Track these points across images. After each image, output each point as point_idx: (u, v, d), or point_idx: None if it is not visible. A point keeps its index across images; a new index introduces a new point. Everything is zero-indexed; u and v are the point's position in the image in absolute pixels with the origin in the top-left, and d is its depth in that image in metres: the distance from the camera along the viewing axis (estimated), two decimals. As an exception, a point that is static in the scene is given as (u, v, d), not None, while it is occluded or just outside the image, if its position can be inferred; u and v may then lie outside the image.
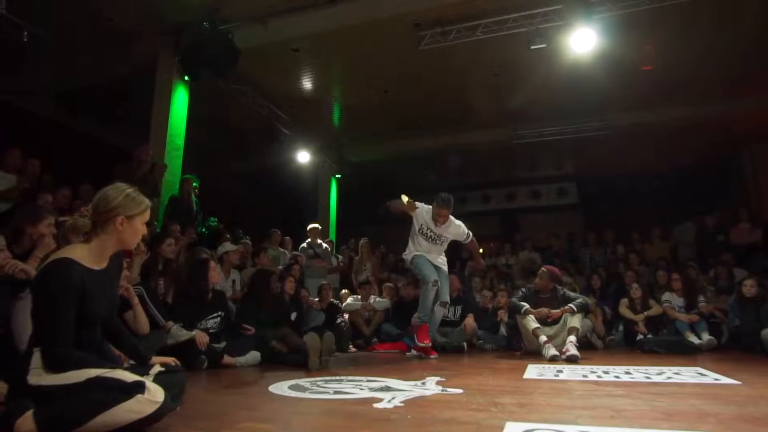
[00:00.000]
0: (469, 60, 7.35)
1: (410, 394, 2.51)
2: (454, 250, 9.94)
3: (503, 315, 5.61)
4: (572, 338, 4.45)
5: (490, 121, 9.54)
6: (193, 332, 3.58)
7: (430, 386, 2.76)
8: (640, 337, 5.45)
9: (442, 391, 2.62)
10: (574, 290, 5.77)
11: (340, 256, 8.28)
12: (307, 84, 8.50)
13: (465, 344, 5.28)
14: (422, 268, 4.61)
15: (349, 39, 6.97)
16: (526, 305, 4.81)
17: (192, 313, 3.81)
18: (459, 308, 5.49)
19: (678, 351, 4.92)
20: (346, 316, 6.10)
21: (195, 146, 7.53)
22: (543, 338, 4.55)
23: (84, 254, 1.87)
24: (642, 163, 10.91)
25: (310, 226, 7.55)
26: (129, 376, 1.75)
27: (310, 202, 10.83)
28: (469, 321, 5.32)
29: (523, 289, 5.22)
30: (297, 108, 8.94)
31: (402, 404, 2.26)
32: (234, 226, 7.79)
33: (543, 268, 5.17)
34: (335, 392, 2.62)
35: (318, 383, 2.90)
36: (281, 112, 8.91)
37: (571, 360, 4.12)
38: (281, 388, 2.72)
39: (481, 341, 5.57)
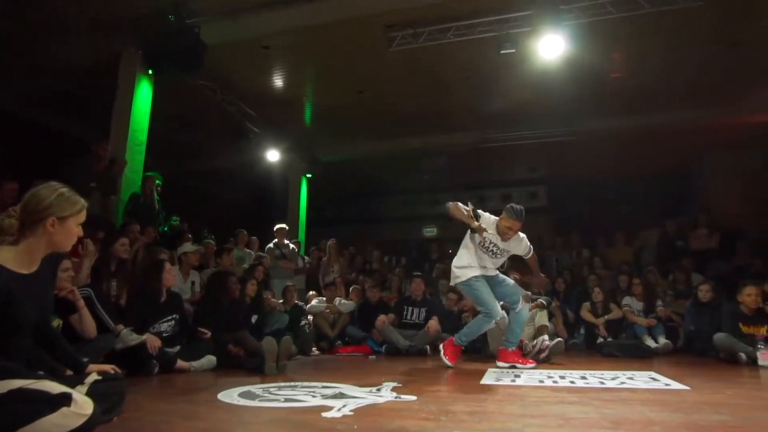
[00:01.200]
0: (440, 62, 7.36)
1: (362, 401, 2.46)
2: (424, 252, 10.04)
3: (468, 318, 5.61)
4: (545, 337, 4.59)
5: (462, 124, 9.57)
6: (144, 336, 3.46)
7: (385, 393, 2.72)
8: (600, 340, 5.54)
9: (396, 398, 2.58)
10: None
11: (307, 257, 8.18)
12: (278, 82, 8.37)
13: (428, 347, 5.26)
14: (486, 298, 3.99)
15: (322, 38, 6.88)
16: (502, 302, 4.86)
17: (144, 316, 3.68)
18: (423, 311, 5.48)
19: (635, 354, 5.00)
20: (311, 318, 6.02)
21: (160, 142, 7.33)
22: None
23: (10, 257, 1.77)
24: (609, 169, 11.14)
25: (277, 226, 7.43)
26: (55, 387, 1.65)
27: (279, 201, 10.69)
28: (433, 324, 5.31)
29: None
30: (267, 106, 8.79)
31: (352, 413, 2.21)
32: (200, 225, 7.62)
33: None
34: (286, 400, 2.55)
35: (271, 390, 2.83)
36: (250, 109, 8.75)
37: (546, 360, 4.26)
38: (231, 395, 2.63)
39: (445, 344, 5.55)
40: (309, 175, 10.72)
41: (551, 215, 12.48)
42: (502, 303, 4.13)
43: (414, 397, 2.58)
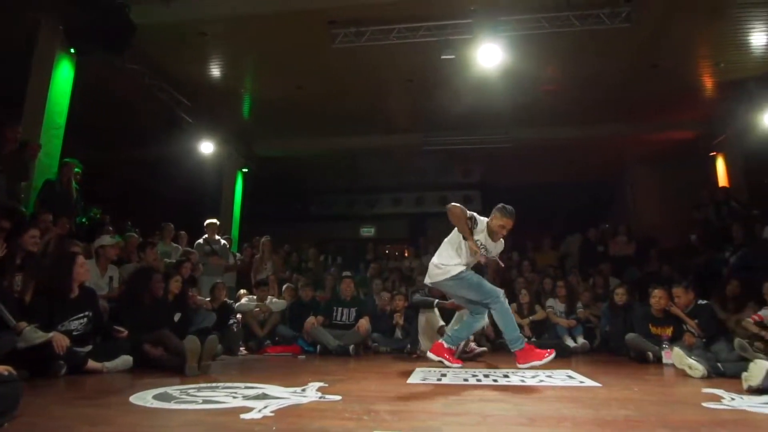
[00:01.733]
0: (383, 63, 7.39)
1: (285, 402, 2.40)
2: (360, 251, 10.04)
3: (399, 318, 5.67)
4: (471, 336, 4.67)
5: (403, 126, 9.67)
6: (51, 334, 3.18)
7: (310, 393, 2.67)
8: (525, 340, 5.75)
9: (320, 398, 2.54)
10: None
11: (239, 254, 7.93)
12: (215, 71, 8.06)
13: (359, 347, 5.25)
14: (488, 285, 3.92)
15: (263, 29, 6.70)
16: (437, 300, 4.94)
17: (52, 313, 3.40)
18: (353, 310, 5.45)
19: (556, 354, 5.23)
20: (240, 316, 5.83)
21: (83, 127, 6.83)
22: None
23: None
24: (540, 176, 11.67)
25: (208, 221, 7.13)
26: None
27: (212, 195, 10.29)
28: (363, 323, 5.30)
29: (423, 291, 5.34)
30: (202, 96, 8.44)
31: (272, 414, 2.14)
32: (125, 218, 7.18)
33: None
34: (204, 401, 2.44)
35: (189, 391, 2.70)
36: (184, 98, 8.36)
37: (478, 356, 4.44)
38: (145, 397, 2.48)
39: (375, 344, 5.58)
40: (245, 170, 10.40)
41: (485, 219, 12.88)
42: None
43: (339, 397, 2.55)
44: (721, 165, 9.50)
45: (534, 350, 3.83)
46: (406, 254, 9.17)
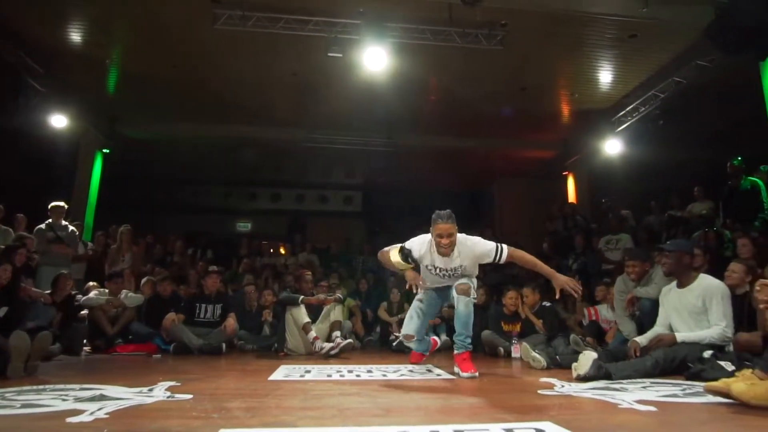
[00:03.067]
0: (268, 53, 7.15)
1: (126, 403, 2.18)
2: (233, 246, 9.57)
3: (267, 315, 5.50)
4: (337, 333, 4.76)
5: (286, 120, 9.45)
6: None
7: (158, 393, 2.46)
8: (392, 337, 5.94)
9: (168, 397, 2.35)
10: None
11: (91, 243, 7.10)
12: (76, 37, 7.12)
13: (224, 345, 4.99)
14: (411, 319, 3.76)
15: (135, -5, 6.09)
16: (302, 296, 4.88)
17: None
18: (218, 308, 5.16)
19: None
20: (86, 312, 5.20)
21: None
22: (313, 334, 4.69)
23: None
24: (420, 181, 12.20)
25: (53, 204, 6.26)
26: None
27: (65, 176, 9.08)
28: (230, 321, 5.04)
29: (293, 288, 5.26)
30: (58, 62, 7.39)
31: (107, 416, 1.92)
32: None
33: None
34: (24, 405, 2.12)
35: (6, 395, 2.34)
36: (35, 63, 7.28)
37: (344, 350, 4.48)
38: (-57, 403, 2.08)
39: (242, 342, 5.36)
40: (106, 150, 9.35)
41: (364, 220, 13.15)
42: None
43: (190, 396, 2.38)
44: (571, 183, 10.81)
45: (470, 362, 3.38)
46: (282, 251, 8.96)
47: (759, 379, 2.10)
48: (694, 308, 3.41)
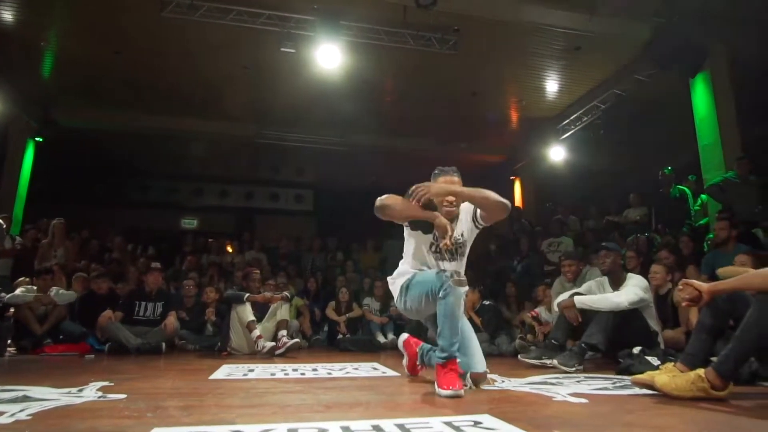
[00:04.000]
0: (218, 45, 6.94)
1: (52, 404, 2.05)
2: (177, 243, 9.24)
3: (211, 314, 5.35)
4: (284, 332, 4.68)
5: (235, 115, 9.23)
6: None
7: (88, 393, 2.33)
8: (340, 336, 5.93)
9: (100, 397, 2.24)
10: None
11: (19, 238, 6.64)
12: (7, 15, 6.65)
13: (164, 345, 4.79)
14: (423, 283, 2.63)
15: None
16: (248, 294, 4.78)
17: None
18: (159, 306, 4.97)
19: (367, 349, 5.53)
20: (12, 310, 4.86)
21: None
22: (256, 332, 4.60)
23: None
24: (371, 182, 12.18)
25: (-23, 194, 5.84)
26: None
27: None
28: (171, 320, 4.86)
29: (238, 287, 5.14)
30: (-15, 41, 6.90)
31: (29, 417, 1.81)
32: None
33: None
34: (-71, 409, 1.95)
35: None
36: (-41, 40, 6.75)
37: (291, 350, 4.46)
38: None
39: (183, 341, 5.17)
40: (39, 139, 8.77)
41: (315, 219, 13.02)
42: None
43: (123, 396, 2.27)
44: (518, 187, 11.15)
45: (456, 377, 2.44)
46: (229, 249, 8.72)
47: (680, 371, 2.25)
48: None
